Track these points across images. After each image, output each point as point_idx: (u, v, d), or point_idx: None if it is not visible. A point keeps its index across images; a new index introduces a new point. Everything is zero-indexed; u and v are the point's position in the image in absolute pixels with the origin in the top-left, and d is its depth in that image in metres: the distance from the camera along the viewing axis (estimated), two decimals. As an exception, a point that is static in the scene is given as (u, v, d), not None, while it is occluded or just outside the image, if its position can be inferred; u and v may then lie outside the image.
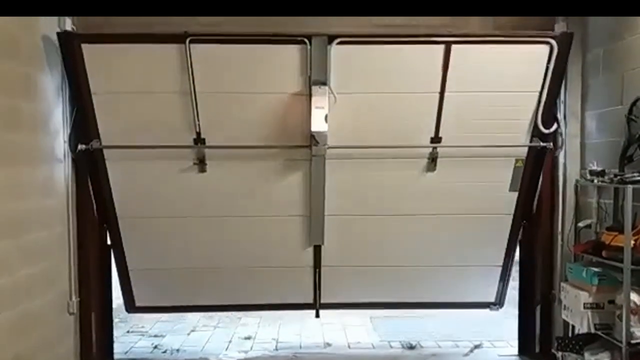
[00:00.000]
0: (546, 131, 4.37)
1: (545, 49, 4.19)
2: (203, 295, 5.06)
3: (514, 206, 4.70)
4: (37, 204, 3.92)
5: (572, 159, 4.51)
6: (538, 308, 4.81)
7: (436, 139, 4.41)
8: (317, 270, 4.91)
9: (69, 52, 4.06)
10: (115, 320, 5.64)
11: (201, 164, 4.40)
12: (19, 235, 3.66)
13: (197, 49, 4.04)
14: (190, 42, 3.99)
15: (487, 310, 5.30)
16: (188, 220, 4.65)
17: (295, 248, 4.80)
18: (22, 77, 3.72)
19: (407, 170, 4.53)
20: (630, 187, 3.54)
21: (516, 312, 5.14)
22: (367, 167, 4.50)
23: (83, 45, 4.03)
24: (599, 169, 4.03)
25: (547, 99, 4.29)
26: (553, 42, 4.15)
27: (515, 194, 4.65)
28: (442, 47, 4.11)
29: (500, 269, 5.02)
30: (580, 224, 4.37)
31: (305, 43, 4.07)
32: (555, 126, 4.42)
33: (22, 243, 3.69)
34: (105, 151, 4.36)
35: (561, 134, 4.45)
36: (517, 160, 4.53)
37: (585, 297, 3.88)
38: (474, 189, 4.60)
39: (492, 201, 4.66)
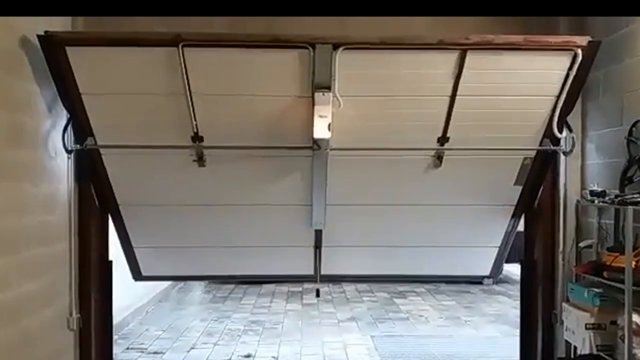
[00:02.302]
0: (560, 136, 4.31)
1: (566, 54, 3.97)
2: (206, 268, 5.22)
3: (517, 198, 4.73)
4: (38, 219, 3.92)
5: (573, 179, 4.51)
6: (540, 330, 4.77)
7: (443, 139, 4.32)
8: (318, 250, 4.99)
9: (53, 55, 3.83)
10: (115, 337, 5.63)
11: (200, 160, 4.35)
12: (19, 250, 3.66)
13: (192, 52, 3.86)
14: (184, 46, 3.77)
15: (489, 331, 5.25)
16: (189, 208, 4.69)
17: (296, 231, 4.85)
18: (14, 87, 3.64)
19: (412, 167, 4.50)
20: (630, 208, 3.54)
21: (518, 332, 5.12)
22: (370, 164, 4.44)
23: (67, 48, 3.80)
24: (600, 189, 4.03)
25: (564, 105, 4.16)
26: (579, 51, 3.89)
27: (520, 187, 4.66)
28: (456, 53, 3.90)
29: (497, 249, 5.09)
30: (581, 244, 4.35)
31: (307, 48, 3.81)
32: (566, 131, 4.34)
33: (22, 259, 3.69)
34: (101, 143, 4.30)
35: (573, 138, 4.36)
36: (525, 158, 4.50)
37: (586, 317, 3.86)
38: (479, 184, 4.59)
39: (495, 193, 4.68)
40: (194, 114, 4.09)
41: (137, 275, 5.20)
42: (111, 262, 4.84)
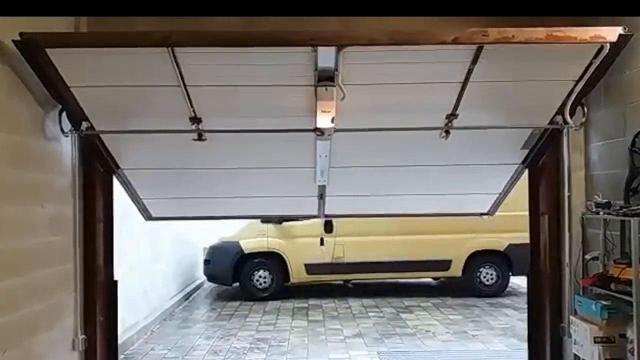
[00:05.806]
0: (570, 122, 4.28)
1: (592, 46, 3.73)
2: (216, 210, 5.57)
3: (522, 158, 4.84)
4: (44, 239, 3.92)
5: (577, 191, 4.50)
6: (548, 342, 4.72)
7: (452, 116, 4.27)
8: (322, 200, 5.27)
9: (34, 59, 3.62)
10: (121, 356, 5.60)
11: (200, 138, 4.33)
12: (25, 272, 3.66)
13: (184, 50, 3.62)
14: (174, 46, 3.55)
15: (497, 345, 5.19)
16: (195, 171, 4.90)
17: (301, 186, 5.10)
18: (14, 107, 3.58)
19: (419, 140, 4.51)
20: (636, 220, 3.52)
21: (526, 345, 5.07)
22: (374, 138, 4.42)
23: (48, 50, 3.56)
24: (605, 201, 4.02)
25: (582, 88, 4.07)
26: (607, 44, 3.64)
27: (526, 150, 4.74)
28: (471, 49, 3.70)
29: (497, 195, 5.35)
30: (587, 256, 4.33)
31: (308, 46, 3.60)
32: (579, 110, 4.31)
33: (28, 280, 3.69)
34: (97, 126, 4.26)
35: (584, 115, 4.33)
36: (534, 129, 4.52)
37: (595, 331, 3.83)
38: (486, 149, 4.68)
39: (501, 156, 4.79)
40: (190, 102, 4.05)
41: (148, 217, 5.48)
42: (116, 282, 4.84)
